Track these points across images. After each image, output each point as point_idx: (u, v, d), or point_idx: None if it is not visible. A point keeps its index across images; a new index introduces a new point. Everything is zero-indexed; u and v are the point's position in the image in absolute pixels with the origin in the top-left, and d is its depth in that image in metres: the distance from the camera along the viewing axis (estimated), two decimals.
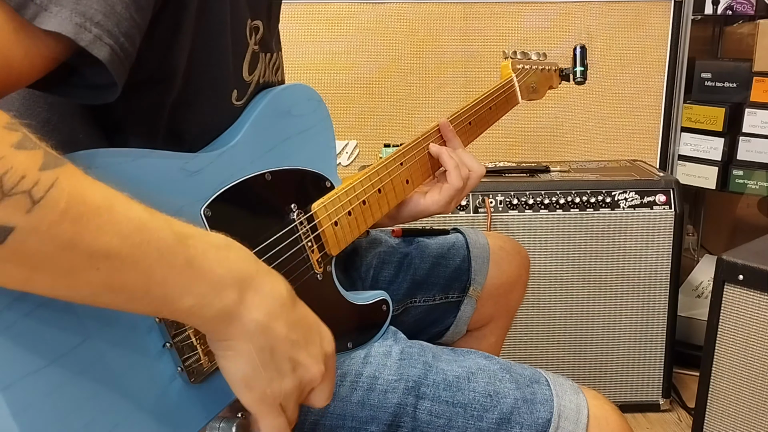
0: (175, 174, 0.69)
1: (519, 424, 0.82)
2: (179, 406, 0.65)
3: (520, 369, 0.88)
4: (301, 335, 0.64)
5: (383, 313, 0.93)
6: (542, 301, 1.77)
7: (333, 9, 1.97)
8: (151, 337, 0.64)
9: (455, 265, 1.15)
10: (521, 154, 2.10)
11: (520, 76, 1.24)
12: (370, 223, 0.92)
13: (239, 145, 0.76)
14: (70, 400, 0.56)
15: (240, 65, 0.78)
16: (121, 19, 0.57)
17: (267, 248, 0.76)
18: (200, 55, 0.72)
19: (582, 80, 1.33)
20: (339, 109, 2.03)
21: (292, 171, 0.82)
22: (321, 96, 0.89)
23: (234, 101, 0.78)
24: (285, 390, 0.63)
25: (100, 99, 0.61)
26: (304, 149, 0.85)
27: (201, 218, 0.70)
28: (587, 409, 0.83)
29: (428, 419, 0.82)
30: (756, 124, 1.97)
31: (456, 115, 1.08)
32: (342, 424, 0.82)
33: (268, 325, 0.60)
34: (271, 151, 0.80)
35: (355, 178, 0.90)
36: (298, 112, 0.84)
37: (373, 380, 0.84)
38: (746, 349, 1.48)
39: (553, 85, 1.36)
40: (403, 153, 0.98)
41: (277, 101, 0.82)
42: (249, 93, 0.80)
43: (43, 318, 0.55)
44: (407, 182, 0.99)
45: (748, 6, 2.03)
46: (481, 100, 1.13)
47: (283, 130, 0.82)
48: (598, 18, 2.02)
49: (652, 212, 1.73)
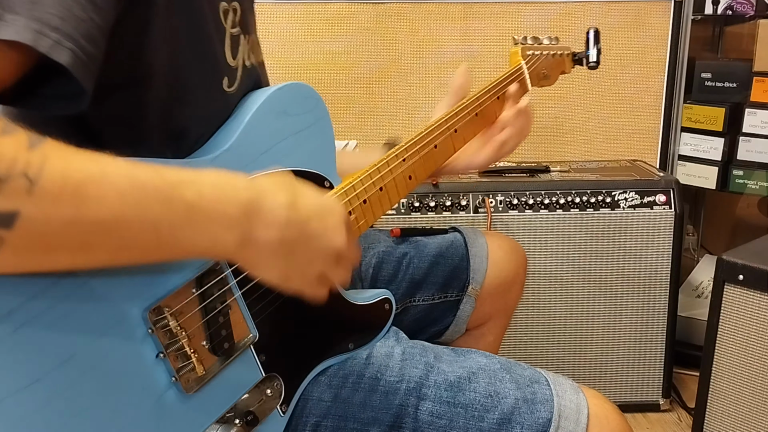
0: None
1: (520, 424, 0.82)
2: (175, 415, 0.65)
3: (520, 369, 0.88)
4: (314, 226, 0.67)
5: (386, 312, 0.92)
6: (542, 301, 1.77)
7: (333, 9, 1.97)
8: (144, 347, 0.63)
9: (454, 263, 1.15)
10: (521, 154, 2.10)
11: (531, 62, 1.19)
12: (371, 222, 0.91)
13: (233, 149, 0.75)
14: (63, 414, 0.56)
15: (222, 51, 0.77)
16: (79, 21, 0.56)
17: None
18: (184, 50, 0.71)
19: (595, 64, 1.28)
20: (339, 109, 2.03)
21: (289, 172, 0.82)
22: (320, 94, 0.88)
23: (226, 88, 0.78)
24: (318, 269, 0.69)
25: (72, 108, 0.60)
26: (302, 149, 0.83)
27: None
28: (587, 408, 0.83)
29: (430, 420, 0.82)
30: (756, 124, 1.97)
31: (461, 107, 1.05)
32: (344, 426, 0.82)
33: (282, 237, 0.64)
34: (267, 153, 0.79)
35: (355, 177, 0.88)
36: (295, 112, 0.83)
37: (375, 382, 0.84)
38: (746, 349, 1.48)
39: (566, 70, 1.31)
40: (405, 149, 0.95)
41: (273, 101, 0.80)
42: (238, 78, 0.80)
43: (30, 334, 0.54)
44: (410, 178, 0.96)
45: (748, 6, 2.03)
46: (488, 89, 1.09)
47: (279, 131, 0.81)
48: (598, 18, 2.02)
49: (652, 212, 1.73)
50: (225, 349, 0.71)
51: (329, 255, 0.69)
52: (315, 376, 0.84)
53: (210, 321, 0.70)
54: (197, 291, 0.69)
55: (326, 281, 0.72)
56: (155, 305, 0.65)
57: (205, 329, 0.70)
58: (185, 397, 0.66)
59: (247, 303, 0.75)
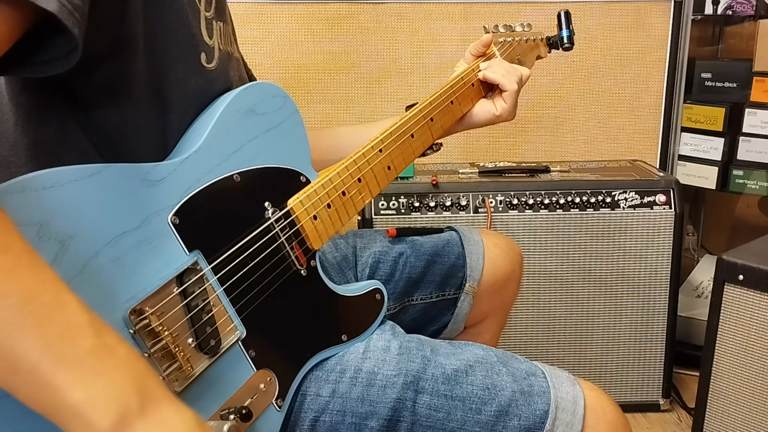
0: (137, 185, 0.68)
1: (517, 416, 0.82)
2: None
3: (516, 362, 0.88)
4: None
5: (378, 302, 0.92)
6: (542, 301, 1.77)
7: (333, 9, 1.97)
8: None
9: (451, 262, 1.16)
10: (521, 154, 2.10)
11: (503, 49, 1.21)
12: (353, 213, 0.91)
13: (202, 150, 0.75)
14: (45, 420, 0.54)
15: (198, 28, 0.79)
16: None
17: (242, 249, 0.76)
18: (161, 20, 0.73)
19: (569, 45, 1.29)
20: (339, 109, 2.03)
21: (262, 169, 0.82)
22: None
23: (205, 64, 0.79)
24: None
25: (66, 63, 0.62)
26: (274, 147, 0.84)
27: (169, 226, 0.70)
28: (584, 400, 0.84)
29: (427, 413, 0.82)
30: (756, 124, 1.97)
31: (433, 98, 1.06)
32: (342, 420, 0.82)
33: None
34: (237, 152, 0.79)
35: (331, 170, 0.89)
36: (263, 110, 0.83)
37: (372, 375, 0.84)
38: (746, 349, 1.47)
39: (542, 55, 1.33)
40: (381, 140, 0.96)
41: (239, 102, 0.81)
42: (216, 57, 0.81)
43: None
44: (389, 168, 0.97)
45: (748, 6, 2.03)
46: (462, 77, 1.11)
47: (249, 130, 0.81)
48: (598, 18, 2.02)
49: (652, 212, 1.73)
50: (211, 346, 0.71)
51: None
52: (312, 371, 0.84)
53: (193, 318, 0.70)
54: (177, 289, 0.69)
55: None
56: (135, 306, 0.64)
57: (189, 327, 0.70)
58: (175, 395, 0.66)
59: (230, 299, 0.75)
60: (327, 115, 2.01)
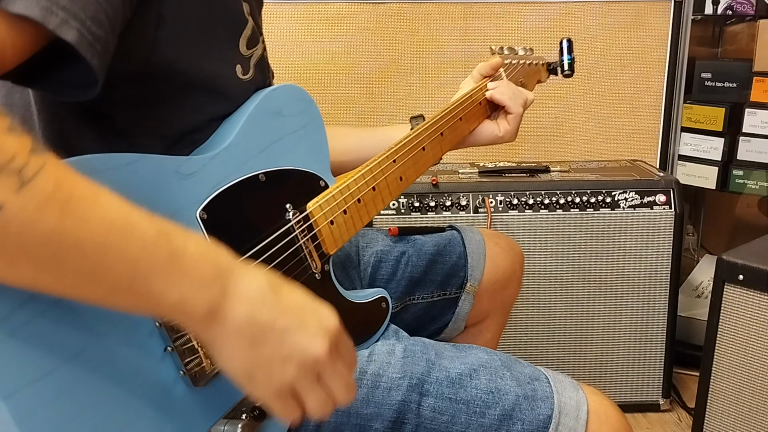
0: (169, 177, 0.68)
1: (521, 421, 0.82)
2: (183, 409, 0.65)
3: (520, 366, 0.88)
4: (292, 319, 0.61)
5: (383, 310, 0.93)
6: (542, 301, 1.77)
7: (333, 9, 1.97)
8: (152, 341, 0.64)
9: (452, 261, 1.16)
10: (521, 154, 2.10)
11: (508, 71, 1.24)
12: (366, 221, 0.92)
13: (232, 147, 0.76)
14: (74, 407, 0.56)
15: (237, 41, 0.79)
16: (87, 4, 0.58)
17: (264, 249, 0.76)
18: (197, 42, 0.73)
19: (570, 73, 1.32)
20: (339, 109, 2.03)
21: (285, 171, 0.82)
22: (313, 96, 0.90)
23: (240, 76, 0.79)
24: (288, 376, 0.60)
25: (84, 95, 0.62)
26: (297, 149, 0.84)
27: (197, 221, 0.70)
28: (587, 405, 0.84)
29: (432, 416, 0.83)
30: (756, 124, 1.97)
31: (444, 113, 1.08)
32: (347, 421, 0.82)
33: (253, 317, 0.59)
34: (263, 152, 0.80)
35: (348, 177, 0.90)
36: (289, 113, 0.84)
37: (377, 378, 0.84)
38: (746, 349, 1.48)
39: (542, 80, 1.36)
40: (395, 150, 0.98)
41: (268, 102, 0.82)
42: (252, 67, 0.82)
43: (41, 328, 0.54)
44: (401, 179, 0.99)
45: (748, 6, 2.03)
46: (471, 95, 1.13)
47: (275, 131, 0.82)
48: (598, 18, 2.02)
49: (652, 212, 1.74)
50: None
51: (305, 363, 0.61)
52: None
53: None
54: None
55: (298, 400, 0.63)
56: None
57: None
58: (193, 391, 0.66)
59: None
60: (327, 115, 1.98)
